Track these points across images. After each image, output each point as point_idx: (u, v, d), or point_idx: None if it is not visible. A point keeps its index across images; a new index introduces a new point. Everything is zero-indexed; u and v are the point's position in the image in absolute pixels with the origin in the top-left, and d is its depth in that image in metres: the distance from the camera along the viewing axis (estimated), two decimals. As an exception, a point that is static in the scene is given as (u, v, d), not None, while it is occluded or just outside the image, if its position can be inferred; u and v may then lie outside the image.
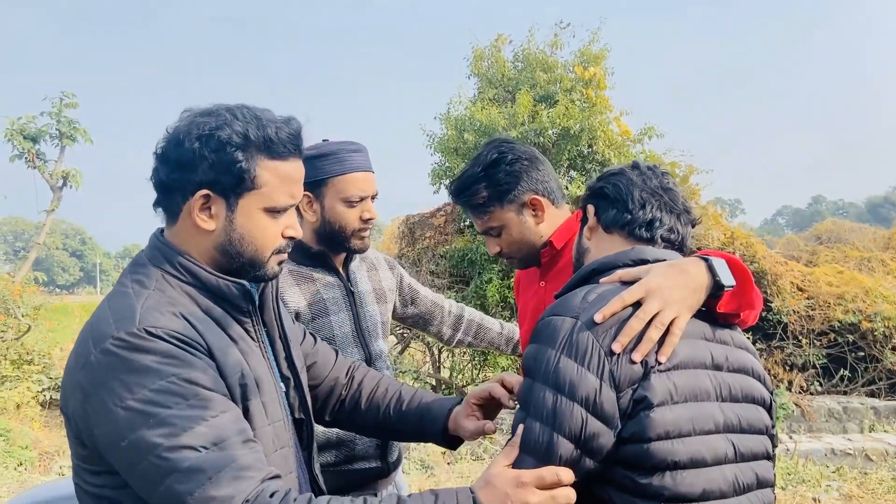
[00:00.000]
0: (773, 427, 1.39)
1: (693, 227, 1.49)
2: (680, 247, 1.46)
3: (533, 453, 1.18)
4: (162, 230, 1.32)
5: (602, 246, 1.45)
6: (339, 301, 2.03)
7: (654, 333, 1.20)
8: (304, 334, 1.67)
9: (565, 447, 1.16)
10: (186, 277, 1.25)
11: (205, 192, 1.22)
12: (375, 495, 2.03)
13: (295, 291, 1.95)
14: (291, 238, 1.33)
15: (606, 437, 1.16)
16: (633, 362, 1.18)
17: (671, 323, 1.23)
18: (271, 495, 1.09)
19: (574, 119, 8.46)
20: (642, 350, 1.19)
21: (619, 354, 1.18)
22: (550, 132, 8.61)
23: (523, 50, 9.58)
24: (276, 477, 1.14)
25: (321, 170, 1.93)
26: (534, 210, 1.90)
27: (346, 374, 1.70)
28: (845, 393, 8.22)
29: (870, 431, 7.25)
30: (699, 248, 8.23)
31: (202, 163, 1.20)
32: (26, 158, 10.89)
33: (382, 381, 1.72)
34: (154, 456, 1.07)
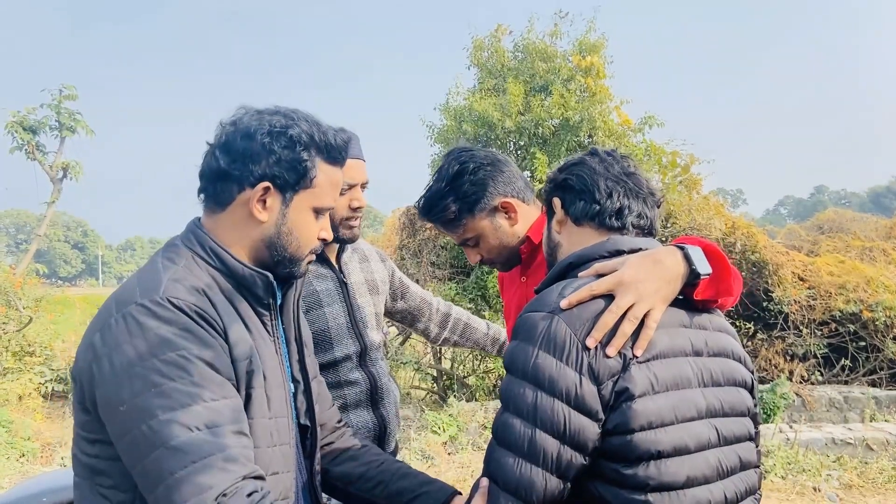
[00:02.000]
0: (756, 406, 1.40)
1: (658, 208, 1.48)
2: (650, 230, 1.45)
3: (515, 450, 1.18)
4: (199, 218, 1.36)
5: (573, 238, 1.44)
6: (333, 292, 2.02)
7: (628, 327, 1.20)
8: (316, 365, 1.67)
9: (549, 443, 1.16)
10: (214, 262, 1.28)
11: (266, 184, 1.27)
12: None
13: None
14: (323, 240, 1.39)
15: (591, 431, 1.16)
16: (607, 356, 1.17)
17: (646, 316, 1.22)
18: (249, 494, 1.09)
19: (573, 109, 8.43)
20: (616, 344, 1.18)
21: (595, 348, 1.18)
22: (549, 122, 8.58)
23: (523, 40, 9.54)
24: (259, 477, 1.14)
25: None
26: (506, 213, 1.88)
27: (339, 422, 1.68)
28: (846, 382, 8.22)
29: (870, 421, 7.25)
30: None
31: (269, 157, 1.26)
32: (26, 150, 10.88)
33: (374, 447, 1.67)
34: (147, 426, 1.08)
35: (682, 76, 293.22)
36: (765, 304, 8.25)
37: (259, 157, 1.26)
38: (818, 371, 8.21)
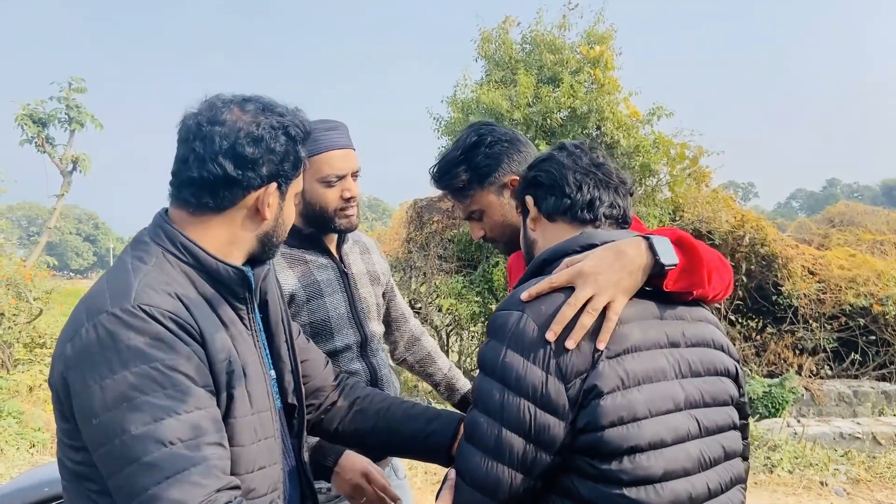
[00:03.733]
0: (742, 396, 1.39)
1: (632, 195, 1.48)
2: (623, 219, 1.45)
3: (482, 448, 1.19)
4: (166, 210, 1.31)
5: (548, 235, 1.44)
6: (333, 283, 2.02)
7: (587, 320, 1.19)
8: (299, 332, 1.67)
9: (515, 441, 1.17)
10: (186, 258, 1.24)
11: (275, 184, 1.28)
12: None
13: (288, 274, 1.94)
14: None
15: (557, 429, 1.17)
16: (566, 350, 1.17)
17: (607, 307, 1.21)
18: None
19: (581, 100, 8.39)
20: (575, 337, 1.18)
21: (562, 345, 1.18)
22: (557, 114, 8.54)
23: (531, 31, 9.48)
24: (234, 487, 1.14)
25: None
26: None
27: (336, 379, 1.69)
28: (856, 377, 8.18)
29: (879, 415, 7.21)
30: (709, 232, 8.20)
31: (274, 156, 1.26)
32: (35, 143, 10.93)
33: (377, 392, 1.71)
34: (119, 441, 1.06)
35: (694, 68, 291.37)
36: (774, 297, 8.21)
37: (267, 160, 1.25)
38: (827, 365, 8.17)
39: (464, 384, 2.41)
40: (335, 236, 2.07)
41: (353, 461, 1.76)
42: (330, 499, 1.94)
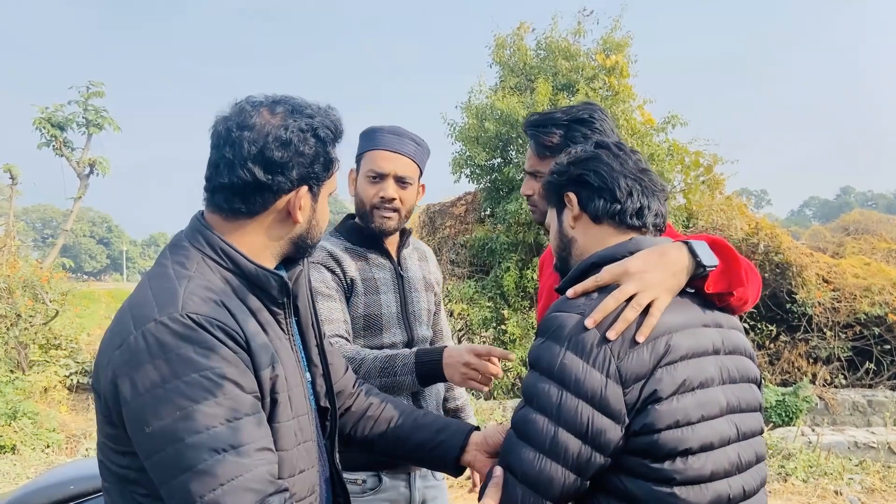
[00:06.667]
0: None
1: (666, 202, 1.50)
2: (663, 228, 1.46)
3: (537, 446, 1.20)
4: (202, 213, 1.32)
5: (591, 236, 1.42)
6: (389, 282, 2.09)
7: (630, 314, 1.22)
8: (324, 335, 1.67)
9: (571, 442, 1.18)
10: (226, 263, 1.25)
11: (305, 187, 1.28)
12: (409, 475, 2.05)
13: (352, 266, 2.03)
14: None
15: (614, 433, 1.19)
16: (607, 340, 1.20)
17: (650, 305, 1.24)
18: None
19: (596, 108, 8.38)
20: (617, 329, 1.20)
21: (627, 352, 1.20)
22: (572, 121, 8.54)
23: (545, 38, 9.50)
24: (284, 490, 1.15)
25: (359, 146, 2.06)
26: None
27: (354, 385, 1.70)
28: (870, 386, 8.11)
29: (894, 425, 7.15)
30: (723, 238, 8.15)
31: (303, 159, 1.25)
32: (54, 146, 11.04)
33: (392, 399, 1.71)
34: (173, 449, 1.08)
35: (709, 76, 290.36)
36: (788, 305, 8.16)
37: (297, 163, 1.25)
38: (842, 374, 8.11)
39: (468, 417, 2.41)
40: (395, 239, 2.14)
41: (452, 351, 1.84)
42: (365, 490, 1.96)
